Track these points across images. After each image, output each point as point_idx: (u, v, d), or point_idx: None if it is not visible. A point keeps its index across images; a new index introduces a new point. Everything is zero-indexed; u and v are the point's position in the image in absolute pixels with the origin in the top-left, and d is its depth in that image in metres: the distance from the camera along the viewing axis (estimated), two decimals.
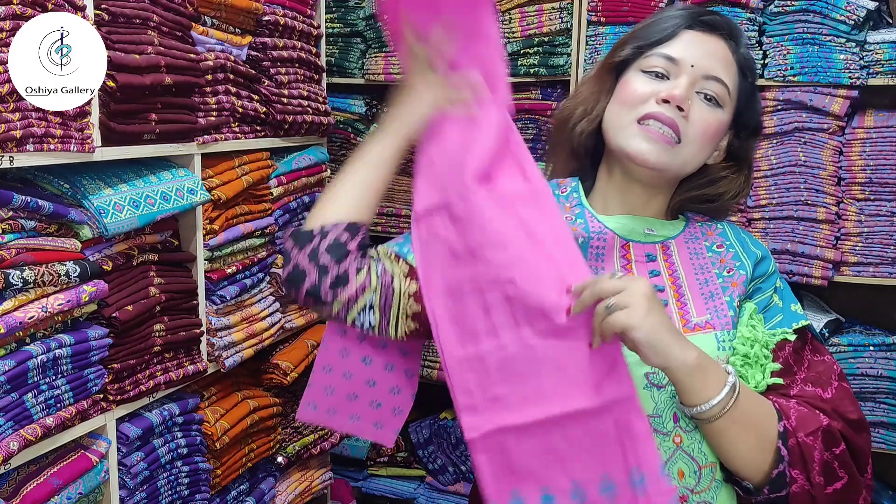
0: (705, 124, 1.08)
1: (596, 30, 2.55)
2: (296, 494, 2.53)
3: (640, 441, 0.95)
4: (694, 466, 1.04)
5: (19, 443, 1.49)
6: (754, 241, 1.21)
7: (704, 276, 1.13)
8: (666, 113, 1.06)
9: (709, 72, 1.09)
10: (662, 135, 1.07)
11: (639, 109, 1.08)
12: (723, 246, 1.17)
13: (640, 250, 1.14)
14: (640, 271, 1.12)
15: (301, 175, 2.45)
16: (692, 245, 1.16)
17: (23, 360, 1.51)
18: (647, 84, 1.10)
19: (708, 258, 1.15)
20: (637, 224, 1.15)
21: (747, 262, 1.14)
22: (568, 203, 1.18)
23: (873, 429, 2.34)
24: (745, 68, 1.14)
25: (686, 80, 1.08)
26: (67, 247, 1.62)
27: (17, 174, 1.65)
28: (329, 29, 2.89)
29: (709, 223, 1.21)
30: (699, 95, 1.09)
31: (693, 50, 1.10)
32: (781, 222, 2.40)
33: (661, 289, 1.11)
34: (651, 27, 1.15)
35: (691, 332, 1.07)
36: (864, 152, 2.29)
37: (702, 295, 1.10)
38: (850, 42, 2.26)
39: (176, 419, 1.98)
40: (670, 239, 1.16)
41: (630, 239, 1.14)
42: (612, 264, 1.12)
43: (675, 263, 1.14)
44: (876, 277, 2.32)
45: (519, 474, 0.98)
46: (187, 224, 2.01)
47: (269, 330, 2.32)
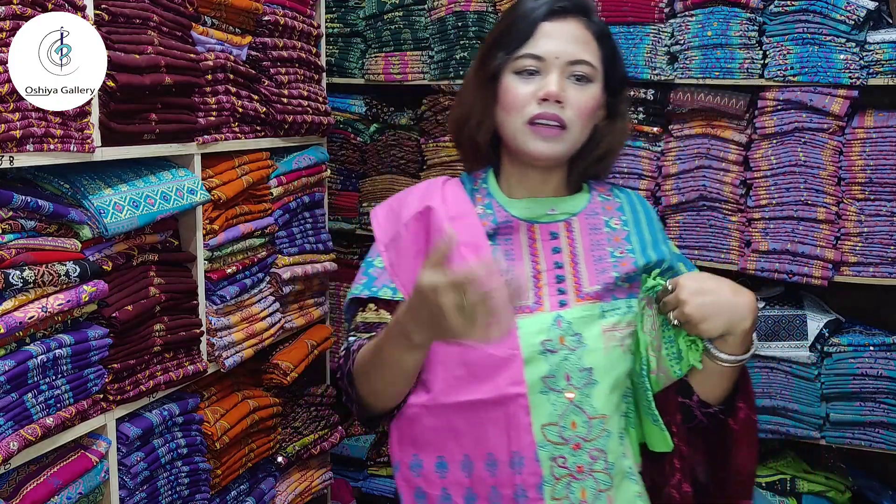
0: (582, 104, 1.22)
1: None
2: (296, 494, 2.53)
3: (522, 432, 1.16)
4: (584, 418, 1.19)
5: (19, 443, 1.49)
6: (655, 238, 1.32)
7: (599, 252, 1.28)
8: (549, 111, 1.20)
9: (573, 57, 1.21)
10: (550, 129, 1.20)
11: (525, 112, 1.21)
12: (619, 221, 1.32)
13: (545, 230, 1.28)
14: (545, 248, 1.27)
15: (301, 175, 2.45)
16: (592, 220, 1.31)
17: (23, 360, 1.51)
18: (523, 85, 1.21)
19: (604, 234, 1.30)
20: (539, 206, 1.29)
21: (639, 256, 1.28)
22: (480, 195, 1.31)
23: (873, 429, 2.34)
24: (602, 36, 1.26)
25: (556, 73, 1.20)
26: (67, 247, 1.62)
27: (17, 174, 1.65)
28: (329, 29, 2.89)
29: (609, 196, 1.35)
30: (571, 79, 1.21)
31: (554, 42, 1.21)
32: (781, 222, 2.39)
33: (560, 265, 1.26)
34: (512, 29, 1.24)
35: (582, 300, 1.23)
36: (864, 152, 2.29)
37: (595, 271, 1.26)
38: (850, 42, 2.26)
39: (176, 419, 1.98)
40: (573, 216, 1.30)
41: (534, 221, 1.28)
42: (520, 245, 1.27)
43: (576, 240, 1.29)
44: (876, 277, 2.32)
45: (420, 443, 1.22)
46: (187, 224, 2.02)
47: (269, 330, 2.32)
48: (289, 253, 2.43)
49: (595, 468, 1.21)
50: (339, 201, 3.01)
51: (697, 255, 2.50)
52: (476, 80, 1.29)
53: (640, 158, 2.56)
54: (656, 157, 2.55)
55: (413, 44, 2.81)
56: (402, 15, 2.80)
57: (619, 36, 2.51)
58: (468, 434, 1.19)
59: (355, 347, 1.22)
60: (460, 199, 1.30)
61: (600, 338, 1.21)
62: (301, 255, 2.47)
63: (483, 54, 1.28)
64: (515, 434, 1.17)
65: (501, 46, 1.24)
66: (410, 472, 1.23)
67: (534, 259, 1.26)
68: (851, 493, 2.48)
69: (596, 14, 1.27)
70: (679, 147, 2.51)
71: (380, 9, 2.84)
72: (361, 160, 3.00)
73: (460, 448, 1.20)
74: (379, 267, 1.28)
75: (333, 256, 2.66)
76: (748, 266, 2.43)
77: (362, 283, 1.28)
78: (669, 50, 2.47)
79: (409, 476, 1.23)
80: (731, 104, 2.40)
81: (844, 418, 2.35)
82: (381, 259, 1.29)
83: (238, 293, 2.19)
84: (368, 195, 2.97)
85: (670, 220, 2.54)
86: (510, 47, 1.23)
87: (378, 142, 2.95)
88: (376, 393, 1.20)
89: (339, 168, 3.02)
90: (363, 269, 1.30)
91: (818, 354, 2.37)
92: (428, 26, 2.77)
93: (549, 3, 1.23)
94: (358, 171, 3.01)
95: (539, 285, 1.24)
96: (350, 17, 2.94)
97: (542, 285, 1.24)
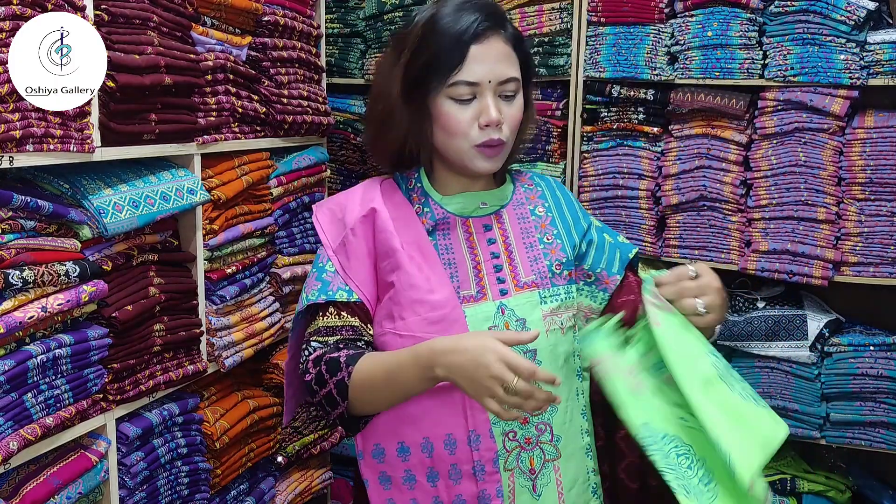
0: (514, 118, 1.32)
1: (596, 30, 2.55)
2: (296, 494, 2.53)
3: (477, 411, 1.27)
4: None
5: (19, 442, 1.50)
6: (575, 217, 1.44)
7: (529, 239, 1.39)
8: (493, 136, 1.29)
9: (502, 77, 1.29)
10: (495, 149, 1.31)
11: (470, 137, 1.29)
12: (543, 209, 1.44)
13: (479, 223, 1.39)
14: (480, 240, 1.37)
15: (301, 175, 2.45)
16: (519, 210, 1.42)
17: (23, 359, 1.51)
18: (462, 111, 1.29)
19: (532, 222, 1.42)
20: (471, 201, 1.39)
21: (566, 240, 1.40)
22: (415, 194, 1.40)
23: (873, 428, 2.34)
24: (517, 42, 1.33)
25: (490, 97, 1.28)
26: (67, 247, 1.62)
27: (17, 174, 1.65)
28: (329, 29, 2.90)
29: (531, 186, 1.47)
30: (501, 97, 1.30)
31: (484, 66, 1.27)
32: (781, 222, 2.39)
33: (496, 255, 1.36)
34: (441, 54, 1.28)
35: (521, 290, 1.34)
36: (864, 152, 2.29)
37: (528, 259, 1.37)
38: (850, 42, 2.26)
39: (176, 419, 1.98)
40: (502, 208, 1.41)
41: (468, 216, 1.39)
42: (459, 240, 1.36)
43: (507, 230, 1.39)
44: (876, 277, 2.32)
45: (381, 432, 1.31)
46: (187, 224, 2.02)
47: (269, 330, 2.32)
48: (289, 253, 2.43)
49: (542, 440, 1.33)
50: None
51: (697, 255, 2.50)
52: (405, 101, 1.33)
53: (640, 158, 2.56)
54: (656, 157, 2.55)
55: None
56: (402, 15, 2.80)
57: (619, 36, 2.52)
58: (426, 419, 1.29)
59: (343, 358, 1.25)
60: (399, 199, 1.38)
61: (541, 322, 1.33)
62: (301, 255, 2.47)
63: (412, 79, 1.31)
64: (472, 414, 1.28)
65: (432, 73, 1.28)
66: (373, 458, 1.33)
67: (472, 251, 1.36)
68: (851, 492, 2.48)
69: (509, 22, 1.34)
70: (679, 147, 2.51)
71: (380, 9, 2.84)
72: (361, 160, 3.00)
73: (419, 432, 1.29)
74: (331, 271, 1.35)
75: None
76: (748, 266, 2.43)
77: (317, 288, 1.34)
78: (669, 50, 2.47)
79: (373, 463, 1.33)
80: (731, 104, 2.40)
81: (845, 418, 2.35)
82: (331, 263, 1.35)
83: (238, 293, 2.19)
84: None
85: (670, 220, 2.54)
86: (442, 75, 1.27)
87: None
88: (374, 406, 1.26)
89: (339, 168, 3.03)
90: (315, 275, 1.36)
91: (818, 354, 2.37)
92: None
93: (474, 23, 1.27)
94: (358, 171, 3.01)
95: (480, 276, 1.35)
96: (350, 18, 2.94)
97: (483, 275, 1.35)
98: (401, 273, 1.31)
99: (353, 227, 1.34)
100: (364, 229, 1.34)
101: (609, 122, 2.58)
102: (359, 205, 1.36)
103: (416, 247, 1.33)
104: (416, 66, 1.30)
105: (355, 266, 1.34)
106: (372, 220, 1.34)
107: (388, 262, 1.32)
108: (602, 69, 2.55)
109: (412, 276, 1.30)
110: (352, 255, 1.34)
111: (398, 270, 1.31)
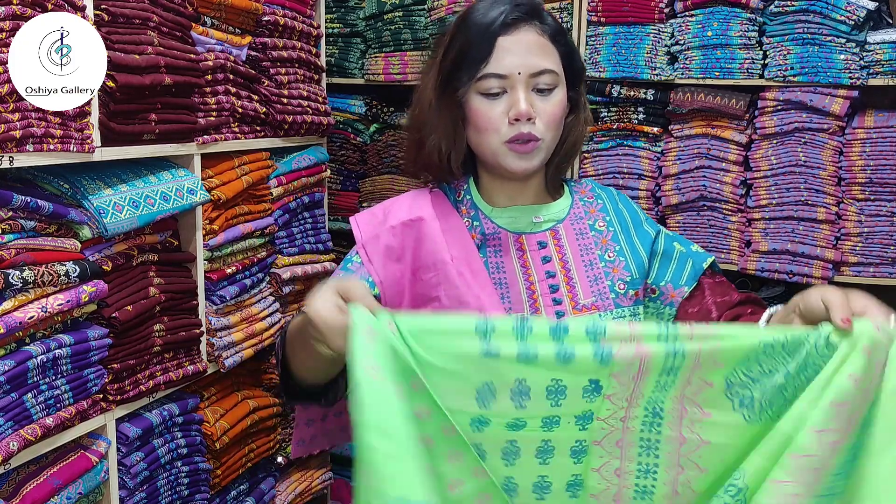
0: (550, 114, 1.22)
1: (596, 30, 2.55)
2: (296, 494, 2.53)
3: None
4: None
5: (19, 443, 1.49)
6: (638, 226, 1.32)
7: (589, 257, 1.28)
8: (523, 130, 1.20)
9: (534, 68, 1.20)
10: (527, 146, 1.21)
11: (501, 133, 1.21)
12: (604, 223, 1.31)
13: (533, 240, 1.27)
14: (535, 259, 1.26)
15: (301, 175, 2.45)
16: (577, 226, 1.30)
17: (23, 360, 1.51)
18: (492, 107, 1.21)
19: (591, 238, 1.30)
20: (524, 215, 1.28)
21: (630, 257, 1.28)
22: (464, 206, 1.30)
23: None
24: (557, 35, 1.24)
25: (521, 90, 1.20)
26: (67, 247, 1.62)
27: (17, 174, 1.65)
28: (329, 29, 2.89)
29: (591, 199, 1.34)
30: (535, 91, 1.21)
31: (514, 57, 1.20)
32: (781, 222, 2.39)
33: (552, 274, 1.25)
34: (469, 48, 1.22)
35: (579, 312, 1.24)
36: (864, 152, 2.29)
37: (587, 278, 1.26)
38: (850, 42, 2.26)
39: (176, 419, 1.98)
40: (558, 224, 1.29)
41: (521, 232, 1.28)
42: (511, 258, 1.26)
43: (565, 247, 1.28)
44: (876, 277, 2.32)
45: None
46: (187, 224, 2.01)
47: (269, 330, 2.32)
48: (289, 253, 2.43)
49: None
50: (338, 201, 3.01)
51: None
52: (440, 103, 1.27)
53: (640, 158, 2.56)
54: (656, 157, 2.55)
55: (413, 44, 2.81)
56: (402, 15, 2.80)
57: (619, 36, 2.51)
58: None
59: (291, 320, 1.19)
60: (448, 210, 1.29)
61: None
62: (301, 255, 2.47)
63: (443, 77, 1.25)
64: None
65: (462, 68, 1.22)
66: None
67: (525, 271, 1.26)
68: None
69: (547, 14, 1.26)
70: (679, 147, 2.51)
71: (380, 9, 2.84)
72: (361, 160, 3.00)
73: None
74: (357, 262, 1.27)
75: (333, 256, 2.66)
76: (748, 266, 2.43)
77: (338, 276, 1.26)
78: (669, 50, 2.47)
79: None
80: (731, 104, 2.40)
81: None
82: (358, 256, 1.28)
83: (238, 293, 2.19)
84: (368, 195, 2.97)
85: (670, 220, 2.54)
86: (471, 68, 1.21)
87: (378, 142, 2.95)
88: (302, 363, 1.17)
89: (338, 168, 3.02)
90: (341, 265, 1.29)
91: None
92: (428, 26, 2.77)
93: (502, 14, 1.21)
94: (358, 171, 3.01)
95: (534, 297, 1.24)
96: (350, 18, 2.94)
97: (538, 296, 1.24)
98: (449, 288, 1.22)
99: (394, 225, 1.26)
100: (405, 233, 1.26)
101: (609, 122, 2.59)
102: (406, 211, 1.28)
103: (465, 262, 1.24)
104: (447, 62, 1.25)
105: (384, 262, 1.26)
106: (417, 229, 1.26)
107: (433, 274, 1.23)
108: (602, 69, 2.55)
109: (462, 293, 1.21)
110: (383, 251, 1.26)
111: (445, 284, 1.22)
